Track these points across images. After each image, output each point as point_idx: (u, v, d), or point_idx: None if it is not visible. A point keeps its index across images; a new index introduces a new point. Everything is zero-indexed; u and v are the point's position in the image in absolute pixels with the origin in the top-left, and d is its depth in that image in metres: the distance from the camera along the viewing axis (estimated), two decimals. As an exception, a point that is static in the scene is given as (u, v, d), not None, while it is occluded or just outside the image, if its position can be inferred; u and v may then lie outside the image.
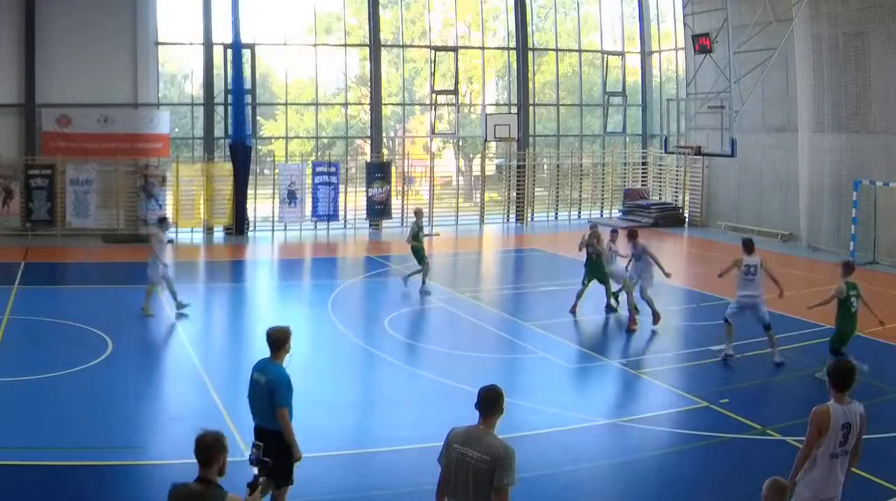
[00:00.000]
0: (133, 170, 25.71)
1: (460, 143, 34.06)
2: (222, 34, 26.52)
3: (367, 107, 29.68)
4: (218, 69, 26.89)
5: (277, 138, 30.04)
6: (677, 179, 31.41)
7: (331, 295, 17.88)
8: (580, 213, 31.75)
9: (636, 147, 33.42)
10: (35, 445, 9.43)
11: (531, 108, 31.18)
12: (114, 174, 25.38)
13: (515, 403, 10.36)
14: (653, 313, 15.41)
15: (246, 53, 26.81)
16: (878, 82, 22.83)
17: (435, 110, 30.72)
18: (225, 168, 26.19)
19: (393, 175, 28.52)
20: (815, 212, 24.79)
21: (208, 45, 26.80)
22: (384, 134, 30.20)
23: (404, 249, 25.87)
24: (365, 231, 28.09)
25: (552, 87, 32.83)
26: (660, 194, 32.06)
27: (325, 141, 30.93)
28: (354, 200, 28.18)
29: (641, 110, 33.06)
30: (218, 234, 26.63)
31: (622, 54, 32.90)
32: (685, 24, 25.65)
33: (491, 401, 5.84)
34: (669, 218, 29.92)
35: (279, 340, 7.38)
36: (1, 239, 23.90)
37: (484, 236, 28.11)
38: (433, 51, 30.14)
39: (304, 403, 8.28)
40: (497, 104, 32.76)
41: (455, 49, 30.45)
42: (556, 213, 31.50)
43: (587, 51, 33.04)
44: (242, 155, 25.93)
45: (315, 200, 27.26)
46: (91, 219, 25.13)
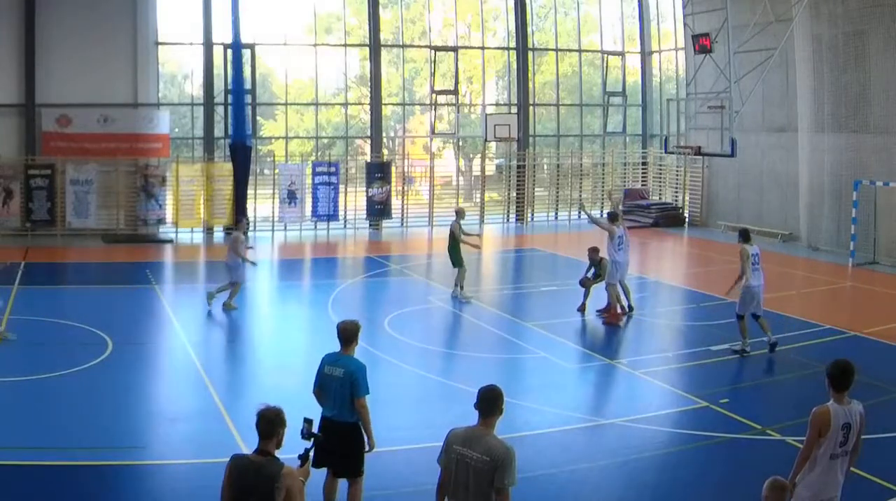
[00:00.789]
0: (133, 170, 25.71)
1: (460, 143, 34.06)
2: (222, 34, 26.49)
3: (367, 107, 29.68)
4: (218, 69, 26.88)
5: (277, 138, 30.03)
6: (677, 179, 31.41)
7: (331, 295, 17.87)
8: (580, 213, 31.69)
9: (636, 147, 33.41)
10: (35, 445, 9.42)
11: (531, 108, 31.17)
12: (114, 174, 25.38)
13: (515, 403, 10.38)
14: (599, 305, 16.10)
15: (246, 53, 26.76)
16: (878, 82, 22.82)
17: (435, 110, 30.72)
18: (225, 168, 26.14)
19: (393, 175, 28.52)
20: (815, 212, 24.78)
21: (208, 45, 26.80)
22: (384, 134, 30.20)
23: (404, 249, 26.07)
24: (365, 231, 28.10)
25: (552, 87, 32.83)
26: (660, 194, 32.06)
27: (325, 141, 30.92)
28: (354, 200, 28.18)
29: (641, 110, 33.06)
30: (218, 234, 26.63)
31: (622, 54, 32.90)
32: (685, 24, 25.64)
33: (490, 401, 5.83)
34: (669, 218, 29.94)
35: (353, 333, 7.59)
36: (1, 239, 23.88)
37: (484, 236, 28.06)
38: (433, 51, 30.14)
39: (305, 403, 8.25)
40: (497, 104, 32.76)
41: (455, 49, 30.45)
42: (556, 213, 31.50)
43: (587, 51, 33.03)
44: (242, 155, 25.80)
45: (315, 200, 27.26)
46: (91, 219, 25.12)
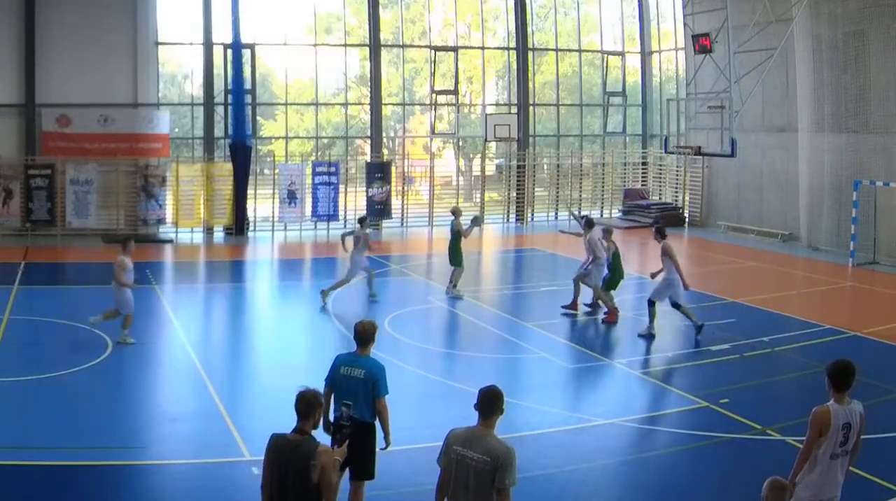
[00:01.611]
0: (133, 170, 25.69)
1: (460, 143, 34.06)
2: (222, 34, 26.51)
3: (367, 107, 29.67)
4: (218, 69, 26.88)
5: (277, 138, 30.03)
6: (677, 179, 31.40)
7: (331, 295, 17.86)
8: (580, 213, 31.71)
9: (636, 147, 33.41)
10: (35, 445, 9.42)
11: (531, 108, 31.16)
12: (114, 174, 25.36)
13: (515, 403, 10.38)
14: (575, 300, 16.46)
15: (246, 53, 26.81)
16: (878, 82, 22.82)
17: (435, 110, 30.72)
18: (225, 168, 26.17)
19: (393, 175, 28.50)
20: (815, 212, 24.77)
21: (208, 45, 26.79)
22: (384, 134, 30.20)
23: (404, 249, 26.05)
24: (365, 231, 28.05)
25: (552, 87, 32.83)
26: (660, 194, 32.05)
27: (325, 141, 30.92)
28: (354, 200, 28.16)
29: (641, 110, 33.06)
30: (218, 234, 26.62)
31: (622, 54, 32.90)
32: (685, 24, 25.64)
33: (490, 402, 5.84)
34: (669, 218, 29.83)
35: (371, 334, 7.61)
36: (1, 239, 23.89)
37: (484, 236, 28.05)
38: (433, 51, 30.14)
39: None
40: (497, 104, 32.76)
41: (455, 49, 30.45)
42: (556, 213, 31.50)
43: (587, 51, 33.04)
44: (242, 155, 25.92)
45: (315, 200, 27.25)
46: (91, 219, 25.09)
